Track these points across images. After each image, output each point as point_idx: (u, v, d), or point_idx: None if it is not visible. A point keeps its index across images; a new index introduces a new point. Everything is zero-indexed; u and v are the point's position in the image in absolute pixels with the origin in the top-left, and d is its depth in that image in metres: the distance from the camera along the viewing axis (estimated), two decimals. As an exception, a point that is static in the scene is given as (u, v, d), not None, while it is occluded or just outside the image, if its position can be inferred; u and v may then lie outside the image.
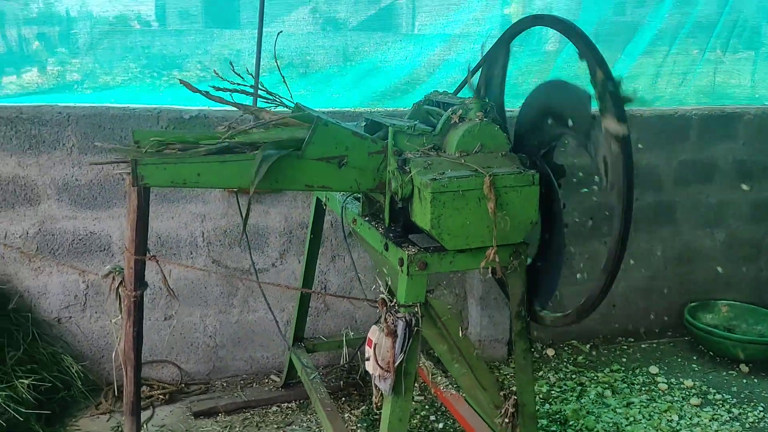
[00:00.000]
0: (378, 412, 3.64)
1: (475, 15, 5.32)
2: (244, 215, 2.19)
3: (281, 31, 3.65)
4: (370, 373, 2.28)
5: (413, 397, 3.47)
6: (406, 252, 2.23)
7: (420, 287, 2.24)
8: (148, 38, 5.32)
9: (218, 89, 2.44)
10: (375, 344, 2.23)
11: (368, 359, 2.27)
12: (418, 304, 2.23)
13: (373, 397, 2.36)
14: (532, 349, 4.20)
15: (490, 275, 2.31)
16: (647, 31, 5.02)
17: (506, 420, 2.47)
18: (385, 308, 2.26)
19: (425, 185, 2.14)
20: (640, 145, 4.36)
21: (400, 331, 2.20)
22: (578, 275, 3.96)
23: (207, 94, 2.34)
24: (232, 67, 2.58)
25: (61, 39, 5.21)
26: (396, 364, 2.20)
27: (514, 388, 2.50)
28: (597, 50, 2.05)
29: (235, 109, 3.73)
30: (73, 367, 3.67)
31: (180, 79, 2.33)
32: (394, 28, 5.88)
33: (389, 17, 5.67)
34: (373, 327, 2.28)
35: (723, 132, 4.66)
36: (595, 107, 2.07)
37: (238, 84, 2.48)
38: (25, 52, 5.03)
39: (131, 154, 2.12)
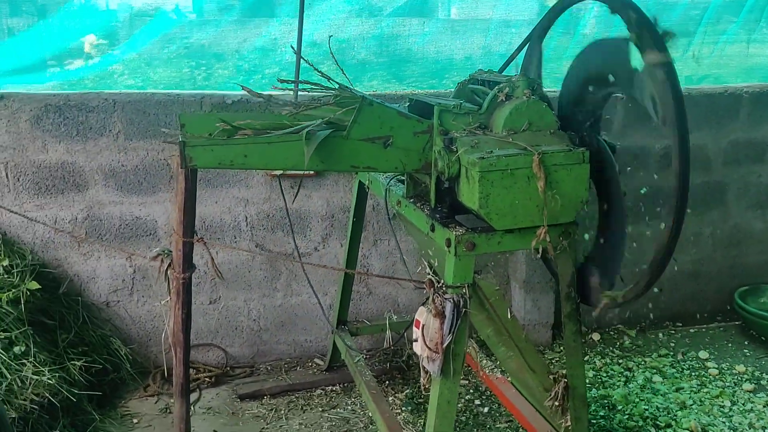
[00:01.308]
0: (423, 395, 3.66)
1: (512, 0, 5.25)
2: (296, 191, 2.18)
3: (331, 36, 3.62)
4: (418, 354, 2.27)
5: (458, 381, 3.45)
6: (454, 232, 2.20)
7: (468, 268, 2.21)
8: (186, 29, 5.36)
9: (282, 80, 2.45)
10: (423, 325, 2.21)
11: (416, 340, 2.26)
12: (466, 285, 2.20)
13: (421, 379, 2.34)
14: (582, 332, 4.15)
15: (538, 256, 2.27)
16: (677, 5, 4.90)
17: (556, 403, 2.44)
18: (432, 289, 2.24)
19: (473, 164, 2.10)
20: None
21: (448, 312, 2.18)
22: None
23: (269, 97, 2.36)
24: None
25: (101, 31, 5.28)
26: (444, 345, 2.18)
27: (563, 371, 2.46)
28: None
29: (275, 94, 3.77)
30: (121, 350, 3.74)
31: (242, 86, 2.35)
32: (429, 13, 5.83)
33: (425, 2, 5.63)
34: (421, 308, 2.26)
35: (775, 110, 4.51)
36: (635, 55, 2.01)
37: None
38: (67, 45, 5.11)
39: (192, 140, 2.13)
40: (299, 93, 3.23)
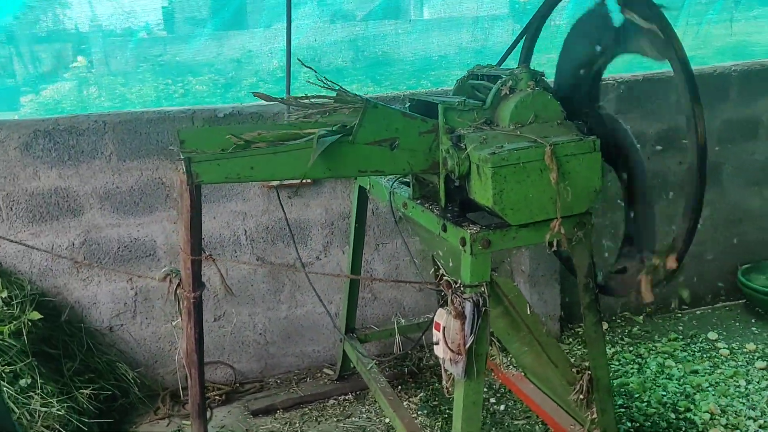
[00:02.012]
0: (437, 398, 3.62)
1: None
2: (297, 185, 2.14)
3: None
4: (440, 357, 2.23)
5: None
6: (468, 231, 2.17)
7: (485, 266, 2.18)
8: (160, 47, 5.31)
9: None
10: (443, 327, 2.17)
11: (437, 343, 2.22)
12: (484, 284, 2.17)
13: (444, 382, 2.30)
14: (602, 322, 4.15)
15: (553, 250, 2.24)
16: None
17: (581, 396, 2.41)
18: (450, 290, 2.20)
19: (484, 160, 2.07)
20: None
21: (468, 313, 2.14)
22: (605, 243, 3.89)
23: (282, 100, 2.33)
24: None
25: (74, 55, 5.22)
26: (467, 346, 2.14)
27: (586, 364, 2.44)
28: None
29: (266, 104, 3.72)
30: (129, 374, 3.67)
31: (254, 92, 2.32)
32: (402, 15, 5.83)
33: (397, 5, 5.63)
34: (440, 310, 2.23)
35: (765, 87, 4.51)
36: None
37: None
38: (39, 71, 5.05)
39: (197, 156, 2.08)
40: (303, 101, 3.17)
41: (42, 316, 3.36)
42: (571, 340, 4.19)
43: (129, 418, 3.61)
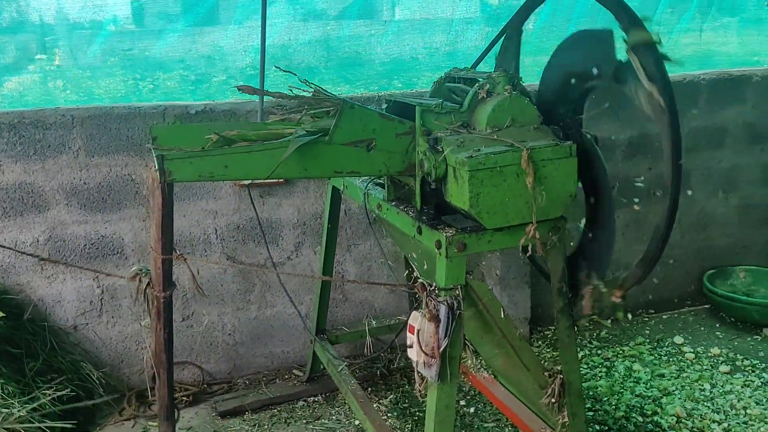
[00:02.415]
0: (408, 400, 3.62)
1: (455, -1, 5.29)
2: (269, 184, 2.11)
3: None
4: (413, 360, 2.22)
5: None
6: (444, 234, 2.16)
7: (460, 269, 2.18)
8: (128, 41, 5.21)
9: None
10: (417, 330, 2.16)
11: (411, 346, 2.21)
12: (459, 287, 2.17)
13: (417, 385, 2.29)
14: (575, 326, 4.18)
15: (527, 254, 2.25)
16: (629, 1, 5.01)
17: (552, 400, 2.42)
18: (425, 293, 2.19)
19: (462, 163, 2.07)
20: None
21: (442, 316, 2.14)
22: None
23: (267, 92, 2.29)
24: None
25: (39, 47, 5.10)
26: (441, 349, 2.14)
27: (558, 368, 2.45)
28: None
29: (239, 102, 3.68)
30: (93, 374, 3.59)
31: (238, 86, 2.28)
32: (374, 15, 5.81)
33: (369, 4, 5.61)
34: (414, 313, 2.22)
35: (731, 96, 4.60)
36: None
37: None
38: (1, 62, 4.91)
39: (170, 153, 2.04)
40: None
41: (3, 314, 3.27)
42: (540, 342, 4.22)
43: (93, 419, 3.53)
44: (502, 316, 2.30)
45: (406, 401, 3.64)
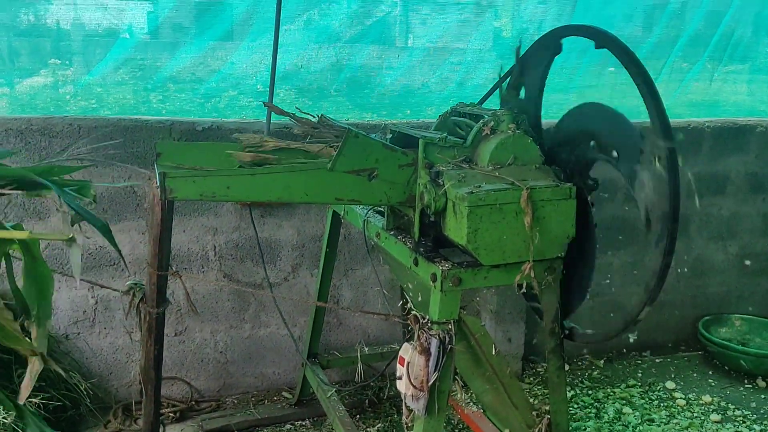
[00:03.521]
0: (395, 429, 3.59)
1: (468, 29, 5.33)
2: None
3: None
4: (402, 392, 2.21)
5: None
6: (440, 267, 2.16)
7: (454, 304, 2.18)
8: (142, 51, 5.25)
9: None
10: (408, 362, 2.16)
11: (400, 378, 2.20)
12: (452, 321, 2.17)
13: (404, 417, 2.28)
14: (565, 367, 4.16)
15: (522, 292, 2.25)
16: (641, 44, 5.05)
17: (539, 440, 2.41)
18: (417, 325, 2.19)
19: (461, 198, 2.08)
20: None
21: (433, 350, 2.13)
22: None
23: (293, 116, 2.32)
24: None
25: (53, 52, 5.14)
26: (430, 383, 2.13)
27: (546, 407, 2.44)
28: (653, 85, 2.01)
29: (246, 121, 3.71)
30: (81, 385, 3.57)
31: (265, 103, 2.31)
32: (388, 41, 5.86)
33: (383, 30, 5.66)
34: (405, 345, 2.21)
35: (735, 144, 4.63)
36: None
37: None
38: (16, 65, 4.96)
39: (173, 171, 2.06)
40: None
41: (-4, 319, 3.26)
42: (531, 379, 4.20)
43: (78, 429, 3.51)
44: (494, 352, 2.30)
45: (394, 431, 3.61)
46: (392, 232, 2.55)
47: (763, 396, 4.08)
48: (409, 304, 2.47)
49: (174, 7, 5.29)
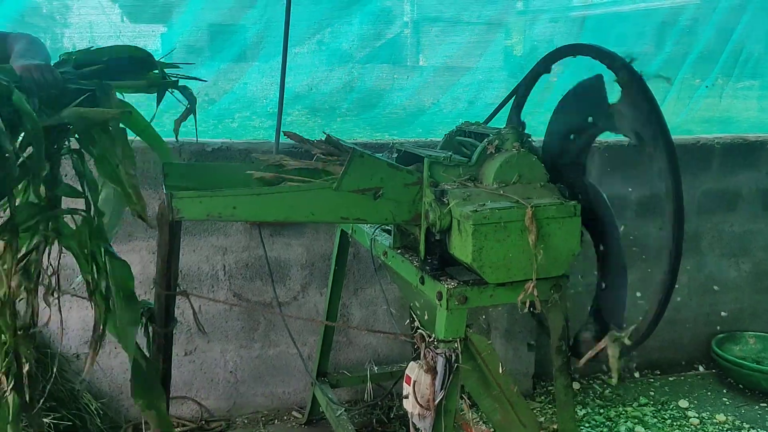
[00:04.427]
0: (405, 449, 3.57)
1: (479, 48, 5.37)
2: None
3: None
4: (409, 411, 2.21)
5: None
6: (445, 285, 2.17)
7: (460, 322, 2.18)
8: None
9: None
10: (414, 381, 2.16)
11: (407, 397, 2.20)
12: (458, 340, 2.17)
13: (411, 437, 2.27)
14: (574, 385, 4.13)
15: (525, 310, 2.25)
16: (652, 61, 5.06)
17: (548, 459, 2.39)
18: (423, 344, 2.19)
19: (466, 217, 2.09)
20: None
21: (440, 368, 2.14)
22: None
23: (310, 142, 2.37)
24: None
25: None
26: (436, 402, 2.13)
27: (555, 426, 2.42)
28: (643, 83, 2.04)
29: (256, 142, 3.75)
30: (92, 404, 3.59)
31: (285, 132, 2.39)
32: (399, 60, 5.91)
33: (394, 50, 5.70)
34: (412, 363, 2.21)
35: (745, 161, 4.60)
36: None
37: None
38: None
39: (180, 192, 2.10)
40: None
41: (9, 339, 3.29)
42: (542, 398, 4.17)
43: (88, 449, 3.53)
44: (501, 371, 2.29)
45: (403, 451, 3.60)
46: (399, 251, 2.56)
47: (778, 415, 4.03)
48: (416, 323, 2.48)
49: (187, 30, 5.36)
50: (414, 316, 2.56)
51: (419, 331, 2.24)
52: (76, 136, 2.14)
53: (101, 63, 2.17)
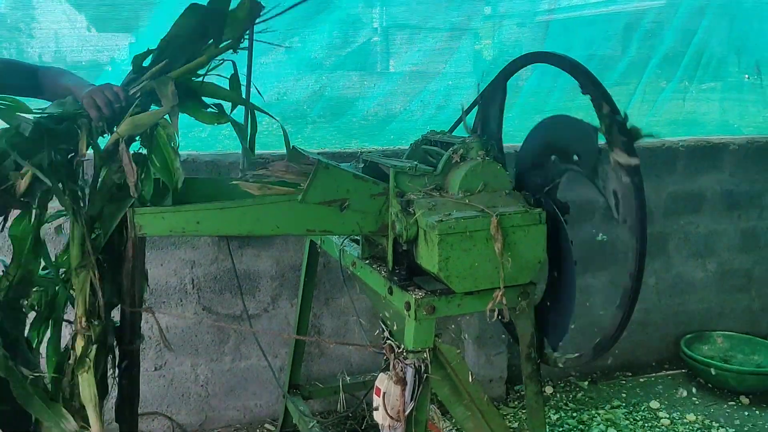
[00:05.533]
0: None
1: (448, 53, 5.38)
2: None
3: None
4: (380, 423, 2.19)
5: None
6: (413, 296, 2.17)
7: (428, 332, 2.18)
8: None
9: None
10: (384, 393, 2.15)
11: (377, 409, 2.19)
12: (427, 350, 2.16)
13: (382, 448, 2.26)
14: (545, 391, 4.15)
15: (494, 319, 2.25)
16: (617, 64, 5.13)
17: (519, 467, 2.39)
18: (392, 355, 2.19)
19: (432, 227, 2.09)
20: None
21: (409, 379, 2.13)
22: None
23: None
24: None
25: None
26: (406, 413, 2.12)
27: (525, 433, 2.43)
28: (600, 84, 2.04)
29: (222, 153, 3.72)
30: (59, 424, 3.51)
31: (294, 146, 2.37)
32: (369, 67, 5.91)
33: (364, 57, 5.70)
34: (381, 375, 2.20)
35: (709, 163, 4.68)
36: (601, 141, 2.05)
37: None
38: None
39: (141, 208, 2.07)
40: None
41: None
42: (516, 403, 4.19)
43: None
44: (470, 380, 2.29)
45: (378, 461, 3.58)
46: (367, 261, 2.55)
47: (746, 413, 4.09)
48: (385, 333, 2.47)
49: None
50: (384, 326, 2.55)
51: (388, 341, 2.23)
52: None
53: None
